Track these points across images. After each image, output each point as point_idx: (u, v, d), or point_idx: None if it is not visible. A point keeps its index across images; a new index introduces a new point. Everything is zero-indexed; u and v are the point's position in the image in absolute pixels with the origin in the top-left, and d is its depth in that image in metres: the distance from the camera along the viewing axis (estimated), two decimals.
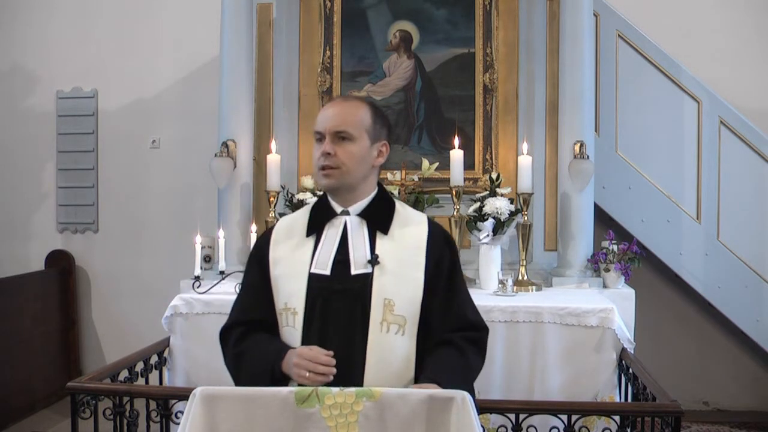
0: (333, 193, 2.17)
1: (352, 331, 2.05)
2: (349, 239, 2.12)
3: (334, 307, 2.06)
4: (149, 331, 3.96)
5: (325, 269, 2.10)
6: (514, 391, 3.30)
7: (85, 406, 2.76)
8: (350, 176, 2.11)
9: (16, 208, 5.57)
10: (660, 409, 2.57)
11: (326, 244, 2.13)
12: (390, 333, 2.05)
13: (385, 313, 2.05)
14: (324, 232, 2.15)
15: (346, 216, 2.16)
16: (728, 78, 4.89)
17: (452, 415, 1.81)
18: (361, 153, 2.11)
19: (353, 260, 2.10)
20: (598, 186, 4.29)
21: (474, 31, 4.31)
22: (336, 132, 2.09)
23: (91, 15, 5.49)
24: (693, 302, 4.98)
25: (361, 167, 2.13)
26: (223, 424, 1.85)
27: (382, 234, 2.13)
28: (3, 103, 5.59)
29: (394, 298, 2.06)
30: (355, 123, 2.11)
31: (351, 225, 2.14)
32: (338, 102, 2.18)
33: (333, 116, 2.11)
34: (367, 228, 2.14)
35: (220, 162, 4.06)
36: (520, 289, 3.79)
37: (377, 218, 2.16)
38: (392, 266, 2.09)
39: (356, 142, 2.10)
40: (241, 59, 4.17)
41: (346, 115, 2.11)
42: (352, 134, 2.09)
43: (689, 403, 4.82)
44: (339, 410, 1.84)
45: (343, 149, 2.09)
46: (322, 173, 2.11)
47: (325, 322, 2.06)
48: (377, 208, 2.17)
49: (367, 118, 2.13)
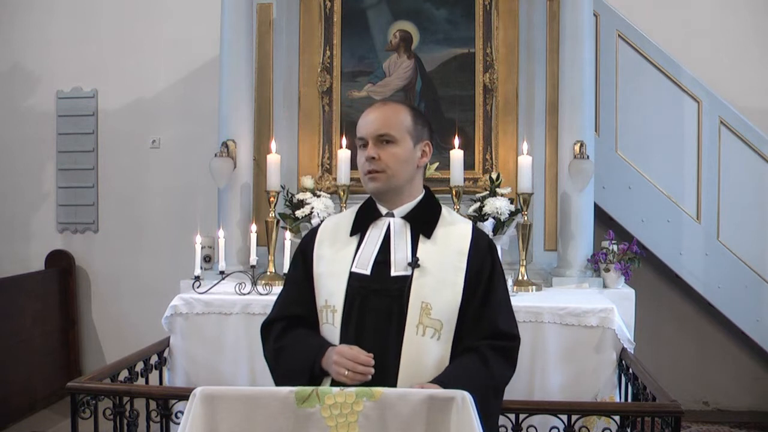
0: (379, 196, 2.18)
1: (388, 331, 2.07)
2: (392, 241, 2.14)
3: (371, 307, 2.08)
4: (149, 331, 3.96)
5: (365, 269, 2.12)
6: (514, 391, 3.27)
7: (85, 406, 2.76)
8: (396, 179, 2.13)
9: (16, 208, 5.58)
10: (660, 409, 2.57)
11: (368, 244, 2.16)
12: (426, 336, 2.06)
13: (422, 316, 2.06)
14: (368, 232, 2.18)
15: (390, 218, 2.17)
16: (728, 78, 4.89)
17: (452, 415, 1.81)
18: (405, 155, 2.12)
19: (394, 262, 2.12)
20: (598, 186, 4.29)
21: (474, 31, 4.31)
22: (378, 135, 2.10)
23: (91, 15, 5.49)
24: (693, 302, 4.98)
25: (406, 169, 2.14)
26: (223, 424, 1.85)
27: (425, 237, 2.14)
28: (3, 103, 5.59)
29: (432, 301, 2.07)
30: (397, 125, 2.12)
31: (394, 227, 2.16)
32: (378, 106, 2.18)
33: (374, 120, 2.12)
34: (410, 230, 2.16)
35: (220, 162, 4.06)
36: (520, 289, 3.79)
37: (421, 221, 2.17)
38: (433, 270, 2.10)
39: (399, 144, 2.11)
40: (241, 59, 4.17)
41: (387, 118, 2.12)
42: (394, 136, 2.11)
43: (689, 403, 4.82)
44: (339, 410, 1.84)
45: (387, 152, 2.10)
46: (368, 177, 2.12)
47: (362, 321, 2.07)
48: (422, 212, 2.19)
49: (408, 119, 2.14)
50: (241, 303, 3.49)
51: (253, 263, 3.69)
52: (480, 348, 2.09)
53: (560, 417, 2.63)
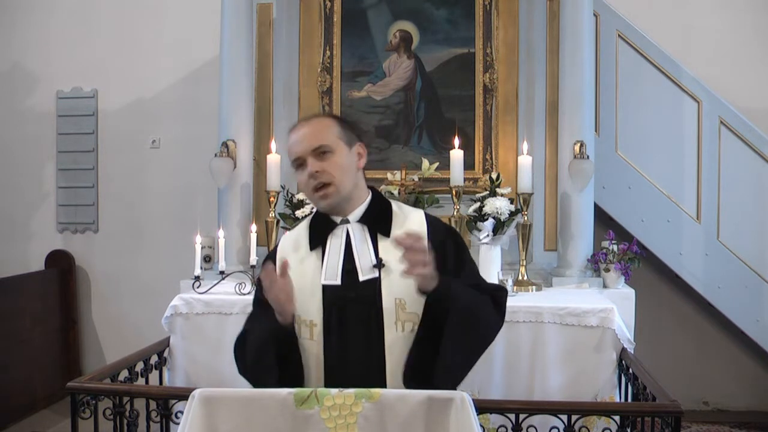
0: (332, 210, 2.18)
1: (370, 335, 2.08)
2: (353, 247, 2.14)
3: (349, 315, 2.08)
4: (149, 331, 3.96)
5: (335, 279, 2.12)
6: (514, 391, 3.30)
7: (85, 406, 2.75)
8: (344, 188, 2.13)
9: (16, 208, 5.58)
10: (660, 409, 2.57)
11: (332, 254, 2.15)
12: (406, 331, 2.08)
13: (398, 312, 2.08)
14: (328, 242, 2.17)
15: (347, 224, 2.17)
16: (728, 78, 4.89)
17: (451, 415, 1.81)
18: (345, 161, 2.12)
19: (360, 267, 2.12)
20: (598, 186, 4.29)
21: (474, 31, 4.31)
22: (314, 149, 2.09)
23: (91, 15, 5.49)
24: (693, 302, 4.98)
25: (350, 175, 2.14)
26: (223, 425, 1.85)
27: (383, 237, 2.15)
28: (3, 103, 5.60)
29: (404, 296, 2.08)
30: (328, 135, 2.12)
31: (353, 232, 2.16)
32: (302, 124, 2.17)
33: (305, 136, 2.12)
34: (368, 233, 2.16)
35: (220, 162, 4.06)
36: (520, 289, 3.79)
37: (377, 221, 2.18)
38: (398, 266, 2.08)
39: (336, 152, 2.11)
40: (241, 59, 4.17)
41: (316, 131, 2.12)
42: (330, 146, 2.10)
43: (689, 403, 4.82)
44: (338, 411, 1.84)
45: (329, 163, 2.09)
46: (318, 195, 2.11)
47: (343, 330, 2.08)
48: (375, 212, 2.19)
49: (335, 126, 2.15)
50: (241, 303, 3.49)
51: (253, 263, 3.69)
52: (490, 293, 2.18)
53: (560, 417, 2.63)
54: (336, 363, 2.08)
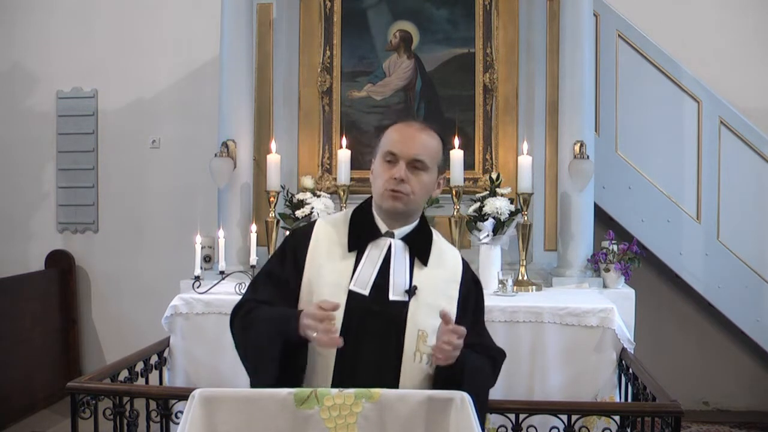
0: (391, 215, 2.14)
1: (385, 354, 2.05)
2: (392, 264, 2.11)
3: (369, 329, 2.05)
4: (149, 331, 3.95)
5: (364, 289, 2.08)
6: (514, 391, 3.30)
7: (85, 406, 2.76)
8: (415, 204, 2.12)
9: (16, 208, 5.57)
10: (660, 409, 2.57)
11: (368, 263, 2.11)
12: (422, 363, 2.06)
13: (419, 343, 2.06)
14: (366, 249, 2.13)
15: (391, 238, 2.14)
16: (728, 78, 4.89)
17: (451, 416, 1.81)
18: (429, 184, 2.12)
19: (393, 286, 2.09)
20: (598, 186, 4.29)
21: (474, 31, 4.31)
22: (414, 159, 2.07)
23: (91, 15, 5.48)
24: (693, 302, 4.98)
25: (426, 197, 2.15)
26: (222, 425, 1.84)
27: (420, 263, 2.14)
28: (3, 103, 5.59)
29: (428, 329, 2.06)
30: (432, 154, 2.10)
31: (395, 249, 2.13)
32: (418, 128, 2.12)
33: (413, 143, 2.08)
34: (408, 255, 2.14)
35: (220, 162, 4.06)
36: (520, 289, 3.79)
37: (419, 246, 2.16)
38: (427, 298, 2.09)
39: (428, 172, 2.10)
40: (241, 59, 4.17)
41: (425, 144, 2.09)
42: (427, 164, 2.09)
43: (689, 403, 4.81)
44: (338, 411, 1.83)
45: (417, 178, 2.08)
46: (391, 194, 2.08)
47: (360, 341, 2.05)
48: (419, 236, 2.18)
49: (439, 150, 2.14)
50: None
51: (253, 263, 3.69)
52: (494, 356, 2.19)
53: (560, 417, 2.63)
54: (345, 371, 2.03)
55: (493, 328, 3.32)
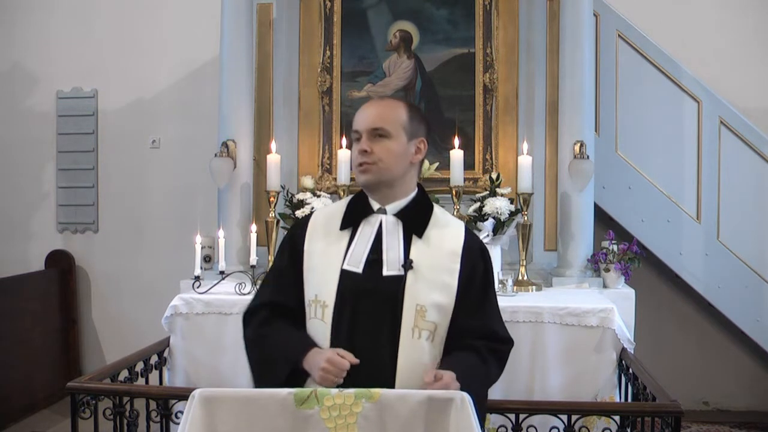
0: (371, 189, 2.16)
1: (381, 332, 2.04)
2: (384, 239, 2.11)
3: (364, 306, 2.05)
4: (149, 331, 3.96)
5: (357, 267, 2.09)
6: (514, 391, 3.30)
7: (85, 406, 2.76)
8: (388, 172, 2.11)
9: (16, 208, 5.57)
10: (660, 409, 2.57)
11: (360, 241, 2.13)
12: (421, 339, 2.04)
13: (417, 319, 2.04)
14: (359, 228, 2.15)
15: (383, 215, 2.14)
16: (728, 78, 4.89)
17: (451, 415, 1.81)
18: (398, 149, 2.11)
19: (386, 261, 2.09)
20: (598, 186, 4.29)
21: (474, 31, 4.31)
22: (373, 129, 2.09)
23: (91, 15, 5.49)
24: (693, 302, 4.98)
25: (399, 164, 2.12)
26: (223, 425, 1.85)
27: (416, 237, 2.12)
28: (3, 103, 5.59)
29: (426, 304, 2.05)
30: (392, 120, 2.11)
31: (386, 224, 2.13)
32: (375, 101, 2.21)
33: (369, 114, 2.12)
34: (402, 229, 2.13)
35: (220, 162, 4.06)
36: (520, 289, 3.79)
37: (413, 220, 2.14)
38: (426, 272, 2.08)
39: (393, 138, 2.10)
40: (241, 59, 4.17)
41: (382, 113, 2.12)
42: (389, 131, 2.10)
43: (689, 403, 4.81)
44: (338, 411, 1.84)
45: (380, 146, 2.09)
46: (360, 169, 2.11)
47: (354, 320, 2.05)
48: (414, 210, 2.16)
49: (403, 115, 2.13)
50: (241, 303, 3.47)
51: (253, 263, 3.69)
52: (478, 347, 2.10)
53: (560, 417, 2.63)
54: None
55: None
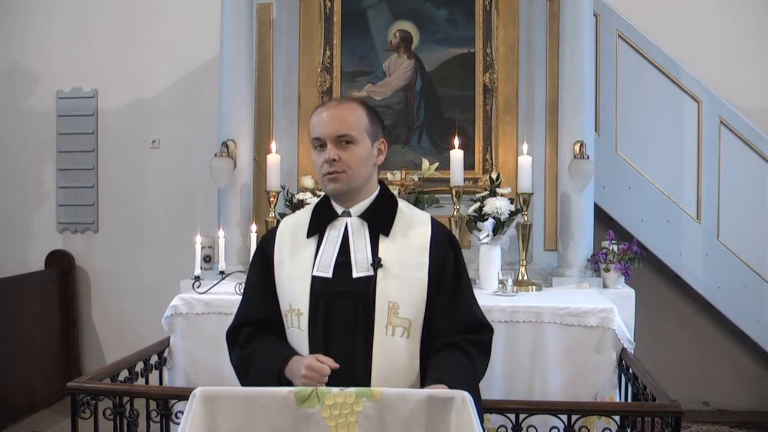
0: (337, 196, 2.15)
1: (355, 333, 2.05)
2: (350, 241, 2.11)
3: (337, 310, 2.05)
4: (149, 331, 3.95)
5: (326, 272, 2.09)
6: (514, 391, 3.30)
7: (85, 406, 2.76)
8: (356, 179, 2.10)
9: (16, 208, 5.58)
10: (660, 409, 2.57)
11: (328, 246, 2.12)
12: (395, 336, 2.05)
13: (390, 316, 2.05)
14: (326, 233, 2.14)
15: (347, 217, 2.14)
16: (728, 78, 4.89)
17: (452, 415, 1.81)
18: (365, 154, 2.10)
19: (355, 263, 2.09)
20: (598, 186, 4.29)
21: (474, 31, 4.31)
22: (338, 137, 2.07)
23: (91, 15, 5.49)
24: (693, 302, 4.98)
25: (366, 168, 2.12)
26: (223, 424, 1.85)
27: (383, 236, 2.12)
28: (3, 103, 5.59)
29: (399, 301, 2.06)
30: (356, 125, 2.09)
31: (352, 227, 2.13)
32: (333, 105, 2.14)
33: (332, 120, 2.08)
34: (368, 229, 2.13)
35: (220, 162, 4.06)
36: (520, 289, 3.78)
37: (378, 219, 2.14)
38: (395, 269, 2.08)
39: (359, 144, 2.08)
40: (241, 59, 4.17)
41: (345, 118, 2.08)
42: (354, 137, 2.08)
43: (689, 403, 4.81)
44: (339, 410, 1.84)
45: (348, 153, 2.07)
46: (329, 178, 2.09)
47: (329, 324, 2.05)
48: (379, 209, 2.16)
49: (364, 118, 2.11)
50: None
51: None
52: (460, 343, 2.09)
53: (560, 417, 2.63)
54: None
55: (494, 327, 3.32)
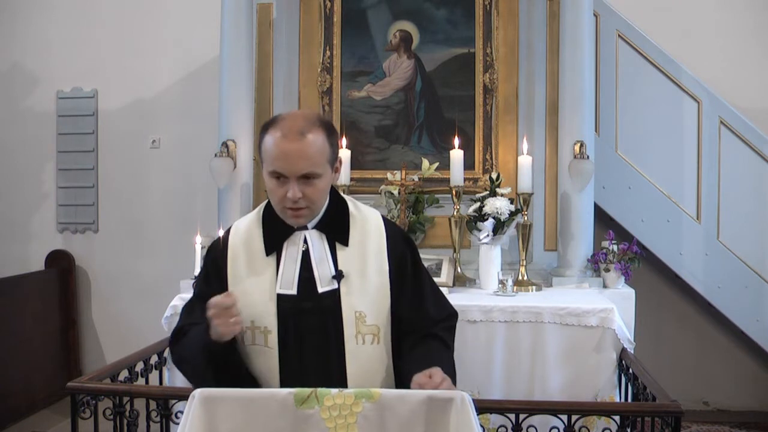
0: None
1: (328, 345, 2.04)
2: (312, 256, 2.07)
3: (306, 325, 2.03)
4: (149, 331, 3.96)
5: (291, 288, 2.05)
6: (514, 391, 3.30)
7: (85, 406, 2.75)
8: (319, 209, 2.07)
9: (16, 208, 5.57)
10: (660, 409, 2.57)
11: (288, 262, 2.07)
12: (366, 344, 2.05)
13: (358, 325, 2.04)
14: (284, 249, 2.08)
15: (305, 231, 2.09)
16: (728, 78, 4.89)
17: (451, 415, 1.81)
18: (326, 184, 2.03)
19: (318, 278, 2.06)
20: (598, 186, 4.29)
21: (474, 31, 4.31)
22: (302, 176, 1.96)
23: (91, 15, 5.48)
24: (693, 302, 4.98)
25: (327, 195, 2.08)
26: (223, 425, 1.84)
27: (342, 245, 2.09)
28: (3, 103, 5.59)
29: (365, 309, 2.05)
30: (319, 160, 1.97)
31: (311, 241, 2.08)
32: (295, 138, 1.94)
33: (297, 158, 1.94)
34: (326, 241, 2.09)
35: (220, 162, 4.06)
36: (520, 289, 3.78)
37: (335, 229, 2.10)
38: (357, 278, 2.06)
39: (323, 177, 2.00)
40: (241, 59, 4.17)
41: (309, 154, 1.94)
42: (319, 173, 1.97)
43: (689, 403, 4.80)
44: (338, 411, 1.84)
45: (312, 189, 1.98)
46: (292, 213, 2.01)
47: (300, 340, 2.03)
48: (333, 218, 2.11)
49: (326, 147, 1.99)
50: None
51: None
52: (438, 333, 2.12)
53: (560, 417, 2.63)
54: (293, 371, 2.03)
55: (494, 328, 3.33)
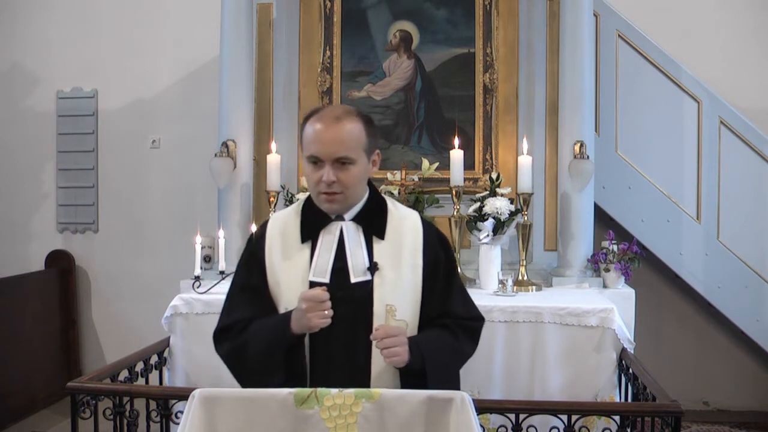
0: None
1: (356, 337, 2.06)
2: (347, 246, 2.11)
3: (337, 314, 2.03)
4: (149, 331, 3.96)
5: (324, 277, 2.09)
6: (514, 391, 3.30)
7: (85, 406, 2.76)
8: (353, 198, 2.10)
9: (16, 208, 5.57)
10: (660, 409, 2.57)
11: (323, 251, 2.11)
12: None
13: (388, 319, 2.06)
14: (320, 238, 2.13)
15: (341, 221, 2.13)
16: (728, 78, 4.89)
17: (451, 415, 1.81)
18: (362, 173, 2.08)
19: (352, 268, 2.09)
20: (598, 186, 4.29)
21: (474, 31, 4.31)
22: (337, 159, 2.03)
23: (91, 15, 5.49)
24: (693, 302, 4.98)
25: (362, 184, 2.12)
26: (223, 425, 1.85)
27: (378, 239, 2.12)
28: (3, 103, 5.59)
29: (396, 303, 2.07)
30: (355, 146, 2.04)
31: (347, 231, 2.12)
32: (331, 122, 2.03)
33: (332, 141, 2.01)
34: (363, 233, 2.13)
35: (220, 162, 4.06)
36: (520, 289, 3.78)
37: (372, 223, 2.14)
38: (390, 272, 2.09)
39: (357, 163, 2.05)
40: (241, 59, 4.17)
41: (345, 140, 2.02)
42: (353, 158, 2.04)
43: (689, 403, 4.80)
44: (338, 411, 1.84)
45: (346, 174, 2.04)
46: (325, 198, 2.06)
47: (330, 329, 2.04)
48: (371, 212, 2.16)
49: (363, 136, 2.06)
50: None
51: None
52: (449, 325, 2.14)
53: (560, 417, 2.63)
54: (321, 360, 2.06)
55: (494, 328, 3.33)
